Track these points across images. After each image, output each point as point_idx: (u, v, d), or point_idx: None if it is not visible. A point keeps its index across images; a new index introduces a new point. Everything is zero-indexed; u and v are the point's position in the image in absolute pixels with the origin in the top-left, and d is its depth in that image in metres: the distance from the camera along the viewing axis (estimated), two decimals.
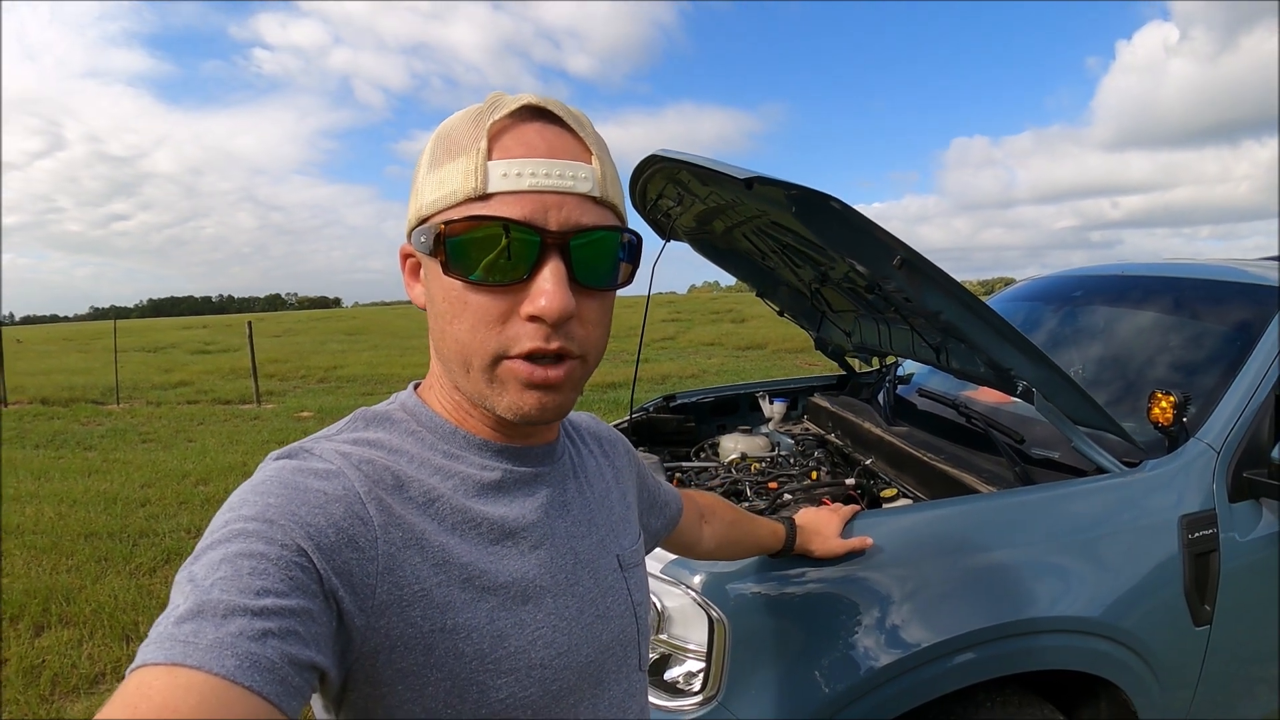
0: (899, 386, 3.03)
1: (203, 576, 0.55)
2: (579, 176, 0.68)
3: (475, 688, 0.67)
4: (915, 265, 1.64)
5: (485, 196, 0.66)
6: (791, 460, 2.71)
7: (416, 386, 0.82)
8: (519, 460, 0.78)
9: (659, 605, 1.58)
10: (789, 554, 1.47)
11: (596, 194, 0.69)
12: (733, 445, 2.88)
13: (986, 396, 2.53)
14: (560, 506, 0.81)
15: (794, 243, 2.24)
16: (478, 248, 0.65)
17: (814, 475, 2.46)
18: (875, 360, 3.41)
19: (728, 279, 3.12)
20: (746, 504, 2.26)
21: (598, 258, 0.70)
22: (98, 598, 4.04)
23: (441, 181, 0.68)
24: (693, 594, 1.54)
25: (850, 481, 2.30)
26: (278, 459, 0.68)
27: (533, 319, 0.67)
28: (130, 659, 0.50)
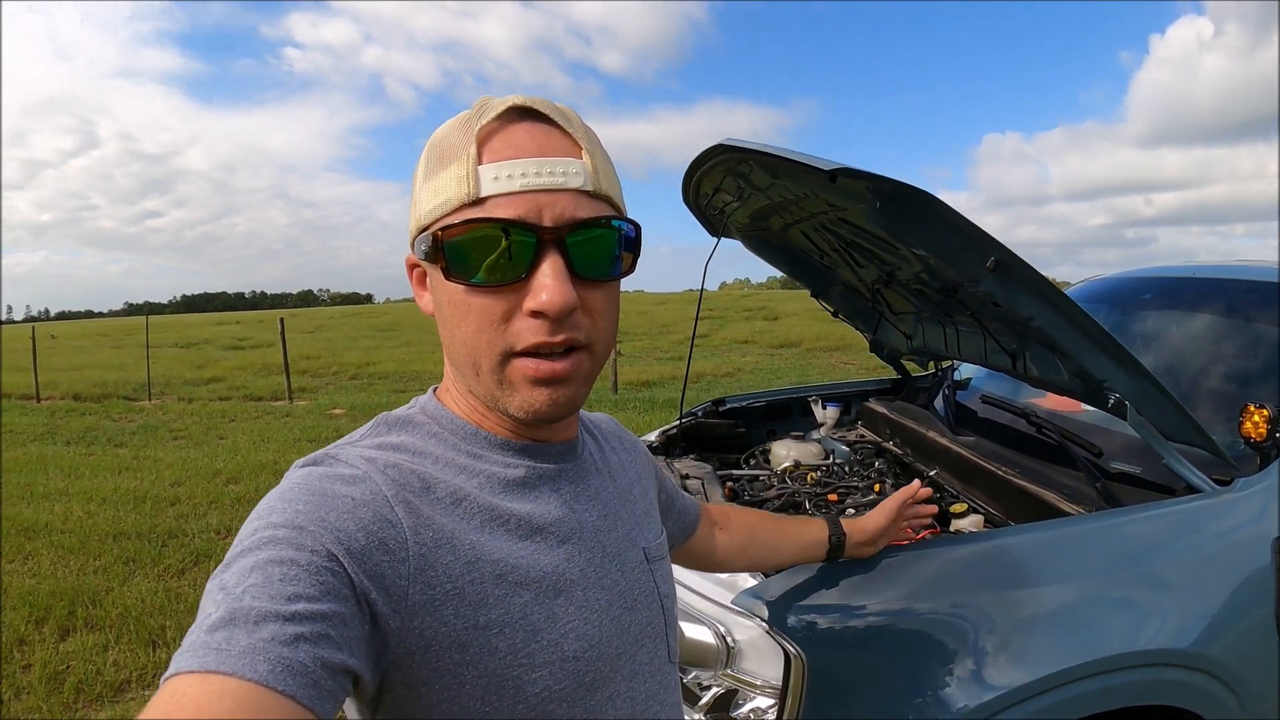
0: (957, 392, 2.89)
1: (234, 584, 0.56)
2: (570, 172, 0.69)
3: (511, 683, 0.68)
4: (1010, 267, 1.56)
5: (479, 201, 0.68)
6: (848, 469, 2.58)
7: (435, 390, 0.84)
8: (541, 457, 0.80)
9: (730, 639, 1.47)
10: (838, 558, 1.40)
11: (589, 188, 0.70)
12: (785, 452, 2.78)
13: (1051, 404, 2.40)
14: (585, 500, 0.82)
15: (860, 240, 2.11)
16: (476, 251, 0.68)
17: (877, 487, 2.32)
18: (930, 364, 3.28)
19: (758, 276, 3.01)
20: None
21: (596, 250, 0.71)
22: (125, 601, 3.97)
23: (436, 190, 0.71)
24: (765, 626, 1.44)
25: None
26: (304, 466, 0.70)
27: (535, 314, 0.68)
28: (157, 665, 0.40)
